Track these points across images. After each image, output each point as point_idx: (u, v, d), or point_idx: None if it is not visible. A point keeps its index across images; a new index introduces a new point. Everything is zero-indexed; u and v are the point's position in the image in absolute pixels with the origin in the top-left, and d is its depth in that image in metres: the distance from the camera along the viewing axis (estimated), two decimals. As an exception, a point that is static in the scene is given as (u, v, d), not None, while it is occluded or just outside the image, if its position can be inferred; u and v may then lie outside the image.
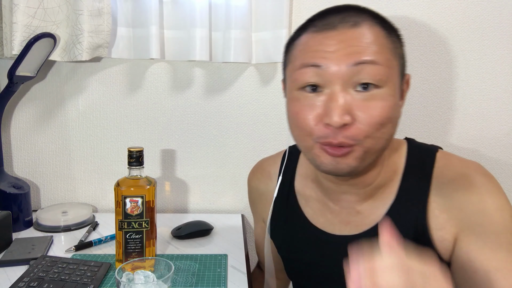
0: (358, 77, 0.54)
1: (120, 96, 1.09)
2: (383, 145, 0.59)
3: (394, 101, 0.57)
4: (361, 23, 0.57)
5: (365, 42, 0.55)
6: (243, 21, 0.99)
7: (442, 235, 0.62)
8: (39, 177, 1.11)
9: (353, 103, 0.55)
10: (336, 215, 0.70)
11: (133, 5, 1.01)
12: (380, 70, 0.55)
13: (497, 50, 1.10)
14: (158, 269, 0.64)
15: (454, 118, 1.13)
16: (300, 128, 0.60)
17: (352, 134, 0.55)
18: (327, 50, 0.56)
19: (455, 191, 0.61)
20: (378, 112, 0.55)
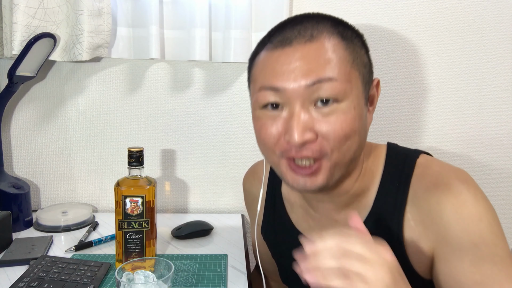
0: (317, 94, 0.54)
1: (120, 96, 1.09)
2: (350, 157, 0.57)
3: (358, 112, 0.56)
4: (318, 36, 0.55)
5: (322, 58, 0.54)
6: (243, 21, 0.99)
7: (417, 248, 0.59)
8: (39, 177, 1.11)
9: (314, 119, 0.54)
10: (317, 222, 0.70)
11: (133, 5, 1.01)
12: (338, 86, 0.53)
13: (497, 50, 1.10)
14: (158, 269, 0.64)
15: (454, 118, 1.13)
16: (264, 144, 0.60)
17: (317, 148, 0.55)
18: (283, 70, 0.55)
19: (430, 200, 0.58)
20: (341, 126, 0.54)
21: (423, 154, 0.65)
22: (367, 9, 1.08)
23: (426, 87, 1.12)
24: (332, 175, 0.57)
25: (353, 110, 0.55)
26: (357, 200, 0.65)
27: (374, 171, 0.65)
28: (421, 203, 0.59)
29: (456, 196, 0.56)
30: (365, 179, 0.65)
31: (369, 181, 0.65)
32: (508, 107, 1.13)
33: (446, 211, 0.56)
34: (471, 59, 1.11)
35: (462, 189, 0.56)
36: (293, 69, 0.54)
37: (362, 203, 0.65)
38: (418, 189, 0.60)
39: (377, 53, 1.10)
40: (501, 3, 1.08)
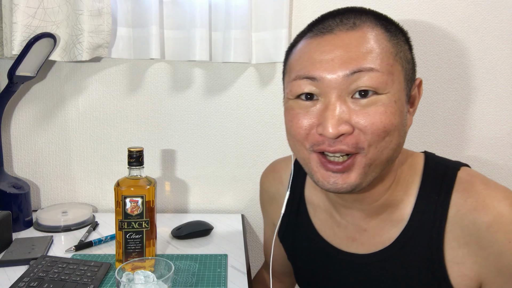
0: (356, 84, 0.51)
1: (120, 96, 1.09)
2: (388, 156, 0.53)
3: (399, 107, 0.52)
4: (361, 25, 0.53)
5: (364, 47, 0.51)
6: (243, 21, 0.99)
7: (460, 270, 0.56)
8: (39, 177, 1.11)
9: (351, 111, 0.51)
10: (343, 230, 0.66)
11: (133, 5, 1.01)
12: (380, 77, 0.50)
13: (497, 50, 1.10)
14: (158, 269, 0.64)
15: (453, 118, 1.13)
16: (294, 136, 0.56)
17: (353, 142, 0.51)
18: (322, 58, 0.52)
19: (476, 225, 0.54)
20: (380, 119, 0.50)
21: (464, 167, 0.61)
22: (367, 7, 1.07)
23: (426, 87, 1.12)
24: (366, 174, 0.53)
25: (393, 104, 0.51)
26: (389, 211, 0.62)
27: (409, 181, 0.61)
28: (466, 224, 0.55)
29: (508, 224, 0.53)
30: (399, 188, 0.61)
31: (403, 191, 0.61)
32: (508, 107, 1.13)
33: (498, 240, 0.53)
34: (471, 59, 1.11)
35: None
36: (333, 57, 0.51)
37: (395, 214, 0.61)
38: (461, 208, 0.56)
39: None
40: (501, 3, 1.08)
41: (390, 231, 0.61)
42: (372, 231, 0.63)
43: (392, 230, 0.61)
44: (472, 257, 0.56)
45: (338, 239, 0.67)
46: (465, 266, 0.56)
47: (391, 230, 0.61)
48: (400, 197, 0.61)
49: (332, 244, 0.67)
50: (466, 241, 0.56)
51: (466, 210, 0.55)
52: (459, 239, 0.56)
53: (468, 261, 0.56)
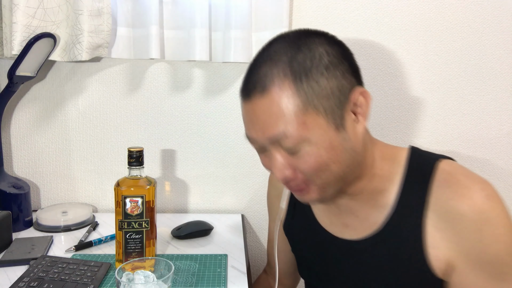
0: (280, 143, 0.57)
1: (120, 96, 1.09)
2: (338, 176, 0.59)
3: (329, 144, 0.56)
4: (269, 88, 0.56)
5: (274, 115, 0.56)
6: (243, 21, 0.99)
7: (437, 254, 0.61)
8: (39, 177, 1.11)
9: (288, 159, 0.58)
10: (338, 217, 0.71)
11: (133, 5, 1.01)
12: (294, 138, 0.56)
13: (497, 50, 1.10)
14: (158, 269, 0.64)
15: (453, 118, 1.13)
16: None
17: (300, 181, 0.59)
18: (249, 122, 0.60)
19: (452, 213, 0.59)
20: (310, 165, 0.57)
21: (446, 159, 0.65)
22: (368, 8, 1.08)
23: (426, 87, 1.12)
24: (325, 192, 0.61)
25: (321, 145, 0.56)
26: (375, 198, 0.66)
27: (392, 172, 0.66)
28: (443, 212, 0.60)
29: (480, 213, 0.57)
30: (381, 180, 0.66)
31: (387, 181, 0.66)
32: (508, 107, 1.13)
33: (469, 227, 0.58)
34: (471, 59, 1.11)
35: (486, 206, 0.57)
36: (255, 122, 0.59)
37: (381, 201, 0.66)
38: (440, 196, 0.60)
39: (376, 53, 1.10)
40: (501, 3, 1.08)
41: (377, 216, 0.66)
42: (362, 215, 0.68)
43: (379, 214, 0.66)
44: (446, 243, 0.60)
45: (334, 226, 0.72)
46: (440, 250, 0.61)
47: (378, 215, 0.66)
48: (384, 186, 0.66)
49: (329, 231, 0.73)
50: (441, 227, 0.60)
51: (444, 199, 0.60)
52: (436, 225, 0.61)
53: (443, 245, 0.60)
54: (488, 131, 1.14)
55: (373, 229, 0.66)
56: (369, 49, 1.09)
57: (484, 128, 1.14)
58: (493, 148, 1.15)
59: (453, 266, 0.60)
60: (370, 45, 1.09)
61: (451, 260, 0.60)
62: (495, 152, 1.15)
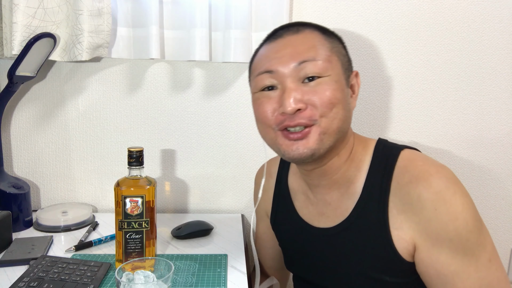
0: (304, 72, 0.64)
1: (120, 96, 1.09)
2: (338, 125, 0.65)
3: (339, 86, 0.65)
4: (303, 30, 0.68)
5: (306, 44, 0.66)
6: (243, 21, 0.99)
7: (400, 235, 0.65)
8: (39, 177, 1.11)
9: (303, 92, 0.64)
10: (315, 207, 0.77)
11: (133, 5, 1.01)
12: (321, 64, 0.64)
13: (497, 50, 1.10)
14: (158, 269, 0.64)
15: (453, 118, 1.13)
16: (261, 121, 0.69)
17: (307, 115, 0.63)
18: (276, 56, 0.66)
19: (411, 194, 0.63)
20: (326, 94, 0.63)
21: (408, 148, 0.71)
22: (367, 8, 1.08)
23: (426, 87, 1.12)
24: (322, 141, 0.64)
25: (335, 83, 0.65)
26: (345, 185, 0.72)
27: (361, 160, 0.72)
28: (403, 194, 0.64)
29: (435, 193, 0.61)
30: (353, 165, 0.72)
31: (357, 168, 0.71)
32: (508, 107, 1.13)
33: (426, 207, 0.61)
34: (471, 59, 1.11)
35: (442, 186, 0.61)
36: (284, 54, 0.66)
37: (350, 188, 0.71)
38: (400, 181, 0.65)
39: (376, 52, 1.10)
40: (501, 3, 1.08)
41: (347, 203, 0.71)
42: (334, 204, 0.73)
43: (349, 202, 0.71)
44: (407, 223, 0.64)
45: (312, 216, 0.77)
46: (403, 231, 0.65)
47: (348, 202, 0.71)
48: (354, 173, 0.71)
49: (307, 221, 0.78)
50: (403, 209, 0.64)
51: (404, 182, 0.64)
52: (398, 207, 0.65)
53: (405, 226, 0.64)
54: (488, 131, 1.14)
55: (344, 216, 0.71)
56: (369, 48, 1.09)
57: (484, 128, 1.14)
58: (493, 148, 1.15)
59: (416, 246, 0.64)
60: (370, 45, 1.09)
61: (414, 239, 0.64)
62: (495, 152, 1.15)
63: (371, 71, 1.11)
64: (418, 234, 0.63)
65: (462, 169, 1.15)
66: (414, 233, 0.64)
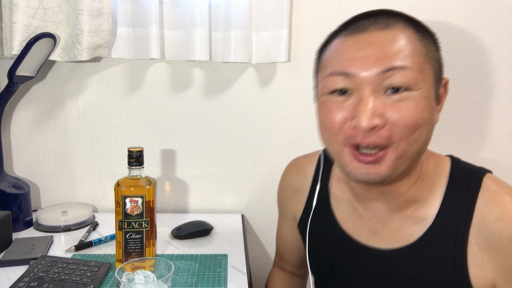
0: (389, 81, 0.53)
1: (120, 96, 1.09)
2: (418, 149, 0.56)
3: (428, 104, 0.55)
4: (393, 25, 0.56)
5: (396, 45, 0.54)
6: (243, 21, 0.99)
7: (480, 273, 0.59)
8: (39, 177, 1.11)
9: (384, 105, 0.54)
10: (365, 222, 0.68)
11: (133, 5, 1.01)
12: (412, 75, 0.53)
13: (497, 50, 1.10)
14: (158, 269, 0.64)
15: (453, 118, 1.13)
16: (328, 130, 0.59)
17: (385, 135, 0.54)
18: (357, 55, 0.55)
19: (501, 235, 0.56)
20: (412, 113, 0.53)
21: (489, 174, 0.63)
22: (367, 8, 1.07)
23: (426, 87, 1.12)
24: (397, 166, 0.56)
25: (424, 100, 0.54)
26: (413, 208, 0.63)
27: (434, 180, 0.63)
28: (490, 232, 0.57)
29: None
30: (424, 185, 0.63)
31: (428, 190, 0.63)
32: (508, 107, 1.13)
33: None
34: (471, 59, 1.11)
35: None
36: (368, 55, 0.54)
37: (420, 212, 0.63)
38: (487, 216, 0.58)
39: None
40: (501, 3, 1.08)
41: (413, 228, 0.63)
42: (395, 225, 0.64)
43: (415, 227, 0.63)
44: (491, 262, 0.58)
45: (359, 232, 0.68)
46: (484, 269, 0.58)
47: (414, 227, 0.63)
48: (425, 195, 0.62)
49: (353, 237, 0.69)
50: (487, 247, 0.58)
51: (492, 219, 0.57)
52: (480, 244, 0.58)
53: (487, 265, 0.58)
54: (488, 131, 1.14)
55: (407, 241, 0.63)
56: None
57: (484, 128, 1.14)
58: (493, 148, 1.15)
59: (496, 285, 0.59)
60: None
61: (494, 279, 0.58)
62: (495, 152, 1.15)
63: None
64: (501, 275, 0.57)
65: (462, 169, 1.15)
66: (497, 275, 0.58)
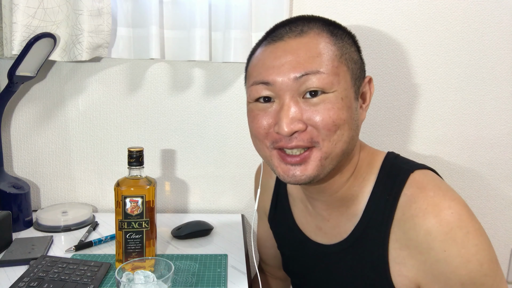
0: (306, 86, 0.55)
1: (120, 96, 1.09)
2: (342, 148, 0.57)
3: (346, 103, 0.56)
4: (308, 31, 0.58)
5: (310, 52, 0.56)
6: (243, 21, 0.99)
7: (401, 271, 0.59)
8: (39, 177, 1.11)
9: (302, 110, 0.56)
10: (313, 219, 0.72)
11: (133, 5, 1.01)
12: (326, 78, 0.55)
13: (497, 50, 1.10)
14: (158, 269, 0.64)
15: (453, 118, 1.13)
16: (255, 136, 0.61)
17: (307, 137, 0.56)
18: (274, 64, 0.57)
19: (418, 230, 0.56)
20: (328, 114, 0.55)
21: (421, 170, 0.62)
22: (367, 8, 1.08)
23: (426, 87, 1.12)
24: (323, 167, 0.58)
25: (340, 101, 0.56)
26: (346, 205, 0.66)
27: (365, 178, 0.64)
28: (408, 228, 0.57)
29: (445, 233, 0.54)
30: (356, 183, 0.64)
31: (359, 186, 0.64)
32: (508, 107, 1.13)
33: (434, 247, 0.54)
34: (471, 59, 1.11)
35: (453, 224, 0.54)
36: (283, 63, 0.56)
37: (351, 209, 0.65)
38: (406, 212, 0.58)
39: (377, 53, 1.10)
40: (501, 3, 1.08)
41: (346, 224, 0.66)
42: (333, 222, 0.68)
43: (348, 223, 0.66)
44: (411, 260, 0.58)
45: (309, 227, 0.73)
46: (405, 267, 0.59)
47: (347, 223, 0.66)
48: (356, 193, 0.65)
49: (304, 232, 0.74)
50: (407, 244, 0.58)
51: (410, 215, 0.57)
52: (401, 241, 0.59)
53: (408, 263, 0.58)
54: (488, 131, 1.14)
55: (342, 236, 0.66)
56: (369, 49, 1.09)
57: (484, 128, 1.14)
58: (493, 148, 1.15)
59: (420, 285, 0.58)
60: (370, 46, 1.09)
61: (417, 278, 0.58)
62: (495, 152, 1.15)
63: (369, 72, 1.10)
64: (423, 274, 0.57)
65: (462, 169, 1.15)
66: (419, 273, 0.57)
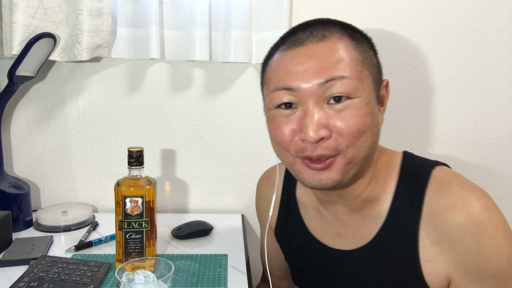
0: (330, 91, 0.55)
1: (120, 96, 1.09)
2: (365, 153, 0.58)
3: (370, 109, 0.57)
4: (329, 36, 0.57)
5: (334, 57, 0.56)
6: (243, 21, 0.99)
7: (432, 268, 0.59)
8: (39, 177, 1.11)
9: (328, 116, 0.55)
10: (330, 225, 0.70)
11: (133, 5, 1.01)
12: (351, 84, 0.55)
13: (497, 50, 1.10)
14: (158, 269, 0.64)
15: (453, 118, 1.13)
16: (278, 143, 0.61)
17: (332, 145, 0.55)
18: (297, 69, 0.56)
19: (449, 224, 0.57)
20: (354, 120, 0.55)
21: (440, 166, 0.63)
22: (367, 9, 1.08)
23: (426, 87, 1.12)
24: (347, 172, 0.57)
25: (365, 106, 0.56)
26: (369, 207, 0.65)
27: (386, 178, 0.64)
28: (438, 223, 0.58)
29: (477, 225, 0.55)
30: (378, 185, 0.64)
31: (381, 188, 0.64)
32: (508, 107, 1.13)
33: (466, 240, 0.55)
34: (471, 59, 1.11)
35: (484, 217, 0.55)
36: (307, 68, 0.56)
37: (374, 210, 0.65)
38: (434, 208, 0.58)
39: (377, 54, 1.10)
40: (501, 3, 1.08)
41: (370, 227, 0.65)
42: (354, 226, 0.67)
43: (372, 225, 0.65)
44: (442, 255, 0.58)
45: (326, 235, 0.71)
46: (436, 264, 0.59)
47: (371, 225, 0.65)
48: (378, 194, 0.64)
49: (320, 240, 0.71)
50: (437, 240, 0.58)
51: (439, 210, 0.58)
52: (431, 237, 0.59)
53: (439, 259, 0.58)
54: (488, 131, 1.14)
55: (366, 240, 0.65)
56: (369, 49, 1.09)
57: (484, 128, 1.14)
58: (493, 148, 1.15)
59: (451, 280, 0.59)
60: (370, 45, 1.09)
61: (449, 273, 0.58)
62: (495, 152, 1.15)
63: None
64: (454, 268, 0.57)
65: (462, 169, 1.15)
66: (450, 268, 0.58)
